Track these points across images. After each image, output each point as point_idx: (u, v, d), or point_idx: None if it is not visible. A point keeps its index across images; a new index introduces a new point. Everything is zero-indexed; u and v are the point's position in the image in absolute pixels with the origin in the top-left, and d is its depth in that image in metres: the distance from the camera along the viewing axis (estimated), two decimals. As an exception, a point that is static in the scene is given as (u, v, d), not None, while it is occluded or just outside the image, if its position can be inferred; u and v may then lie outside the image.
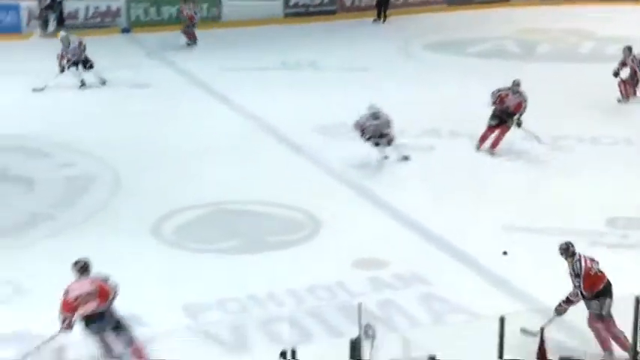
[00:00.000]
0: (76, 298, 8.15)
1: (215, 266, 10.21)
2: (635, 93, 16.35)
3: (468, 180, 12.64)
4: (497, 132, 13.60)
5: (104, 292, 8.23)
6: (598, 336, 8.19)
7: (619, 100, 16.14)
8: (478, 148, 13.72)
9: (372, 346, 7.16)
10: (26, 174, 12.86)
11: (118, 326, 8.25)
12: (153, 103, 16.60)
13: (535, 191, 12.28)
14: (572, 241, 8.30)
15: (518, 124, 13.51)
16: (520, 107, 13.47)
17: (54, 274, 8.82)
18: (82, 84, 17.28)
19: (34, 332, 8.60)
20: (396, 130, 13.12)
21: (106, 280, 8.34)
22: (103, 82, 17.51)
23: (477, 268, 10.06)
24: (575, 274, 8.13)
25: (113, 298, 8.30)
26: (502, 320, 7.10)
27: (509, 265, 9.99)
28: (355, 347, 6.78)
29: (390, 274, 9.95)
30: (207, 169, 13.02)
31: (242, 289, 9.55)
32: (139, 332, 8.69)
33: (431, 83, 17.72)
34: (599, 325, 8.15)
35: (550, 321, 8.06)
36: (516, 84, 13.56)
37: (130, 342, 8.29)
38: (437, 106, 15.80)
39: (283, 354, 6.55)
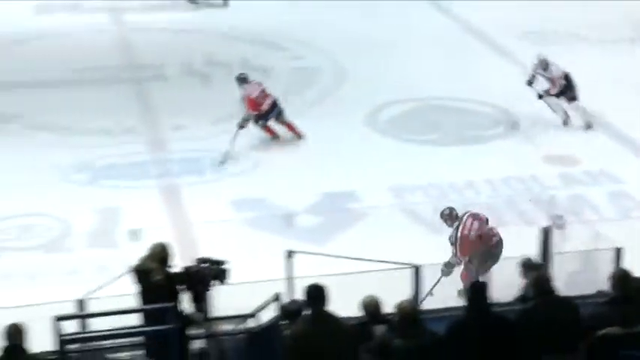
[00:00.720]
0: (257, 97, 10.16)
1: (419, 155, 10.31)
2: None
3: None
4: None
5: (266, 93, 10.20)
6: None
7: None
8: None
9: (562, 235, 7.10)
10: (264, 64, 13.27)
11: (280, 112, 10.37)
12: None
13: None
14: None
15: None
16: None
17: (285, 150, 9.23)
18: None
19: (268, 200, 9.21)
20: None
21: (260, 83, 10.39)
22: None
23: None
24: (451, 242, 7.17)
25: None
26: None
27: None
28: (546, 235, 6.73)
29: (580, 170, 9.68)
30: (415, 66, 12.98)
31: (442, 177, 9.62)
32: (352, 206, 9.08)
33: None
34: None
35: (437, 281, 7.01)
36: None
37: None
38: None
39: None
